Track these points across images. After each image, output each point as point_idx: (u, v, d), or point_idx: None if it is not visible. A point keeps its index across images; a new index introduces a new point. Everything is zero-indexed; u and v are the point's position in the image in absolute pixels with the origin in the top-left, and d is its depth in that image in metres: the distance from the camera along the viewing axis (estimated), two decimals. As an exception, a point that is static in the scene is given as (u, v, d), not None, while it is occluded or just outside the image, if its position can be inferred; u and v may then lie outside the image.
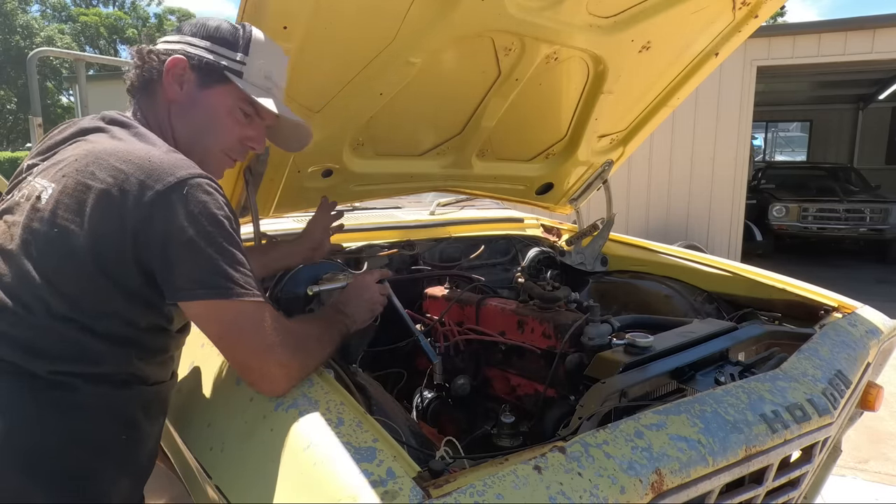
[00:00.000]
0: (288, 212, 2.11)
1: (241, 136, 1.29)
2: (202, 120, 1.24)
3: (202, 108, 1.23)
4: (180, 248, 1.03)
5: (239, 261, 1.08)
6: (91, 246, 1.03)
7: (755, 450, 1.20)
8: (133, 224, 1.02)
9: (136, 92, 1.24)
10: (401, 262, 2.30)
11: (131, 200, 1.02)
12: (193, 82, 1.21)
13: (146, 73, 1.21)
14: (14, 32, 26.65)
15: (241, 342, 1.09)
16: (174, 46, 1.22)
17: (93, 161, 1.06)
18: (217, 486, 1.13)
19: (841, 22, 7.91)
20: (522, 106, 2.01)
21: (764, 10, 1.95)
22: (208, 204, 1.05)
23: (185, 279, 1.04)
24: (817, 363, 1.52)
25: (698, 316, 2.10)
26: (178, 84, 1.21)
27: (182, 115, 1.23)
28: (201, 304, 1.07)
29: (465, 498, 0.91)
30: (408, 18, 1.46)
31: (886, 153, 14.59)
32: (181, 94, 1.21)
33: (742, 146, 8.26)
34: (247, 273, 1.09)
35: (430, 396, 1.95)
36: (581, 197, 2.62)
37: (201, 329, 1.11)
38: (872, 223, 9.15)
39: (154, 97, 1.23)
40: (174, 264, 1.04)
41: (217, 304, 1.06)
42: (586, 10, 1.69)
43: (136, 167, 1.04)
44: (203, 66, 1.21)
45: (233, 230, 1.09)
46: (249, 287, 1.08)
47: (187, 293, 1.05)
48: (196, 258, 1.04)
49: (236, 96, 1.24)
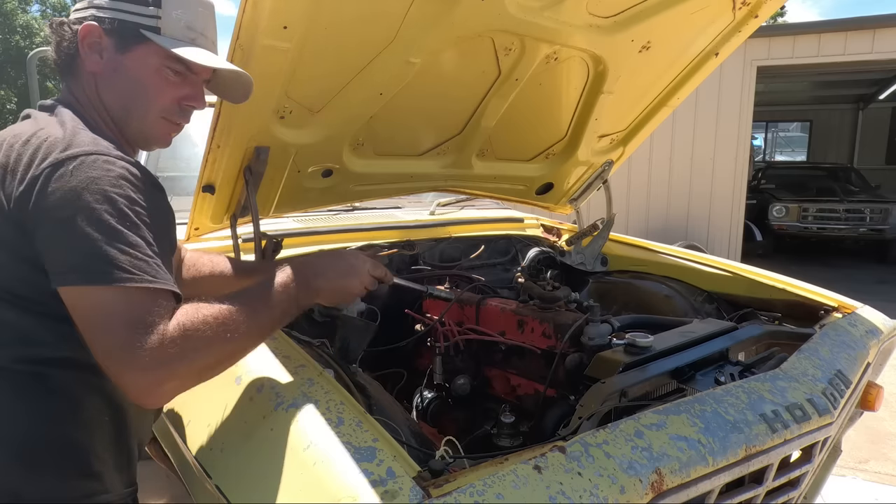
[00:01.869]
0: (288, 212, 2.10)
1: (176, 97, 1.18)
2: (130, 86, 1.14)
3: (126, 73, 1.13)
4: (56, 228, 0.94)
5: (128, 241, 0.94)
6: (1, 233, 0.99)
7: (755, 450, 1.20)
8: (15, 204, 0.96)
9: (62, 70, 1.16)
10: (401, 262, 2.30)
11: (18, 180, 0.96)
12: (111, 48, 1.11)
13: (64, 48, 1.13)
14: (14, 32, 26.63)
15: (101, 336, 0.93)
16: (83, 14, 1.12)
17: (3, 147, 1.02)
18: (217, 486, 1.13)
19: (841, 22, 7.91)
20: (522, 106, 2.01)
21: (764, 10, 1.95)
22: (98, 179, 0.95)
23: (58, 262, 0.94)
24: (817, 363, 1.52)
25: (698, 316, 2.10)
26: (96, 53, 1.12)
27: (108, 85, 1.14)
28: (72, 290, 0.94)
29: (465, 498, 0.91)
30: (408, 18, 1.46)
31: (886, 153, 14.59)
32: (101, 63, 1.12)
33: (742, 146, 8.25)
34: (140, 256, 0.95)
35: (430, 396, 1.95)
36: (581, 197, 2.62)
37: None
38: (872, 223, 9.15)
39: (77, 72, 1.14)
40: (49, 246, 0.95)
41: (86, 291, 0.93)
42: (586, 10, 1.69)
43: (33, 148, 0.99)
44: (116, 29, 1.11)
45: (129, 209, 0.97)
46: (137, 272, 0.93)
47: (59, 277, 0.94)
48: (71, 238, 0.93)
49: (160, 54, 1.13)
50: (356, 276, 1.28)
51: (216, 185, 1.64)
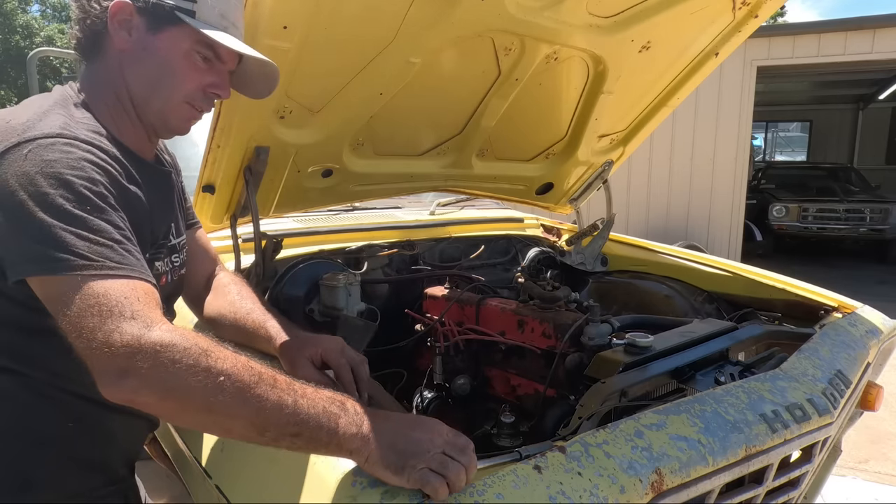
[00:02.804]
0: (288, 212, 2.10)
1: (202, 84, 1.15)
2: (157, 67, 1.10)
3: (155, 54, 1.09)
4: (7, 217, 0.88)
5: (89, 226, 0.88)
6: None
7: (755, 449, 1.20)
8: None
9: (85, 50, 1.12)
10: (401, 262, 2.30)
11: None
12: (142, 27, 1.07)
13: (91, 25, 1.08)
14: (14, 32, 26.62)
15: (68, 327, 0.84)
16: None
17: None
18: (217, 486, 1.13)
19: (841, 22, 7.91)
20: (522, 106, 2.01)
21: (764, 10, 1.95)
22: (54, 163, 0.89)
23: (14, 253, 0.89)
24: (817, 363, 1.52)
25: (698, 316, 2.10)
26: (125, 31, 1.07)
27: (135, 64, 1.10)
28: (36, 281, 0.88)
29: (465, 498, 0.91)
30: (408, 18, 1.46)
31: (886, 153, 14.59)
32: (130, 41, 1.08)
33: (742, 146, 8.26)
34: (101, 240, 0.88)
35: (430, 396, 1.95)
36: (581, 197, 2.62)
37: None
38: (872, 223, 9.16)
39: (103, 52, 1.10)
40: (4, 236, 0.89)
41: (50, 282, 0.86)
42: (586, 10, 1.69)
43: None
44: (150, 8, 1.07)
45: (90, 192, 0.90)
46: (96, 257, 0.87)
47: (17, 269, 0.89)
48: (24, 227, 0.86)
49: (192, 38, 1.10)
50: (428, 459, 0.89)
51: (216, 185, 1.64)
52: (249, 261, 1.78)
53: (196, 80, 1.14)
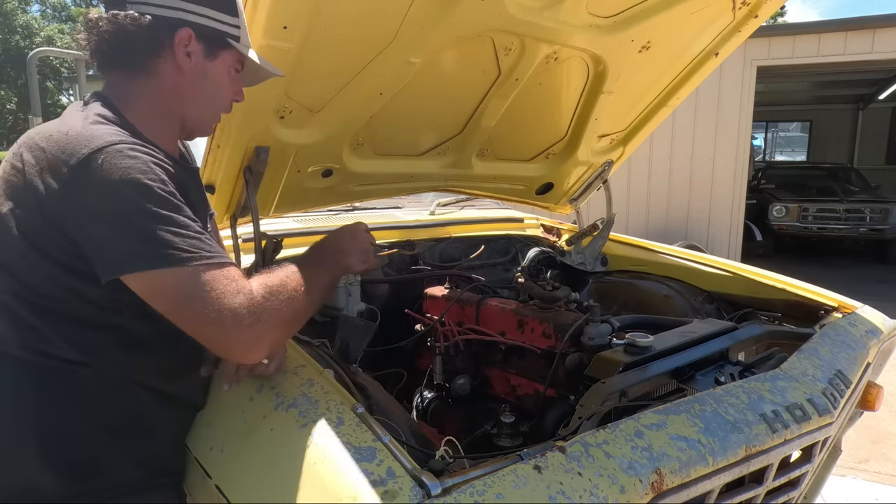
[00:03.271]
0: (288, 212, 2.10)
1: (233, 94, 1.28)
2: (211, 88, 1.22)
3: (211, 77, 1.21)
4: (104, 223, 0.97)
5: (177, 223, 1.00)
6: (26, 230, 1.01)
7: (755, 449, 1.20)
8: (52, 204, 0.98)
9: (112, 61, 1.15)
10: (401, 262, 2.30)
11: (48, 179, 0.98)
12: (200, 53, 1.17)
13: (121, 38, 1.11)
14: (14, 32, 26.62)
15: (194, 312, 0.99)
16: (166, 14, 1.12)
17: (24, 142, 1.05)
18: (217, 486, 1.13)
19: (841, 22, 7.90)
20: (522, 106, 2.01)
21: (764, 10, 1.95)
22: (129, 170, 0.98)
23: (117, 254, 0.97)
24: (817, 363, 1.52)
25: (698, 316, 2.10)
26: (186, 55, 1.16)
27: (192, 86, 1.19)
28: (138, 276, 0.98)
29: (465, 498, 0.91)
30: (408, 18, 1.46)
31: (886, 153, 14.58)
32: (190, 64, 1.17)
33: (742, 146, 8.25)
34: (190, 234, 1.00)
35: (430, 396, 1.95)
36: (581, 197, 2.62)
37: (150, 304, 1.01)
38: (872, 223, 9.15)
39: (153, 70, 1.15)
40: (101, 240, 0.98)
41: (157, 275, 0.98)
42: (586, 10, 1.69)
43: (54, 143, 1.00)
44: (208, 34, 1.17)
45: (165, 192, 1.01)
46: (195, 249, 0.99)
47: (119, 267, 0.98)
48: (123, 230, 0.97)
49: (234, 59, 1.23)
50: (367, 247, 1.38)
51: (216, 185, 1.64)
52: (249, 261, 1.78)
53: (232, 91, 1.28)
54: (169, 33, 1.13)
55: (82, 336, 1.07)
